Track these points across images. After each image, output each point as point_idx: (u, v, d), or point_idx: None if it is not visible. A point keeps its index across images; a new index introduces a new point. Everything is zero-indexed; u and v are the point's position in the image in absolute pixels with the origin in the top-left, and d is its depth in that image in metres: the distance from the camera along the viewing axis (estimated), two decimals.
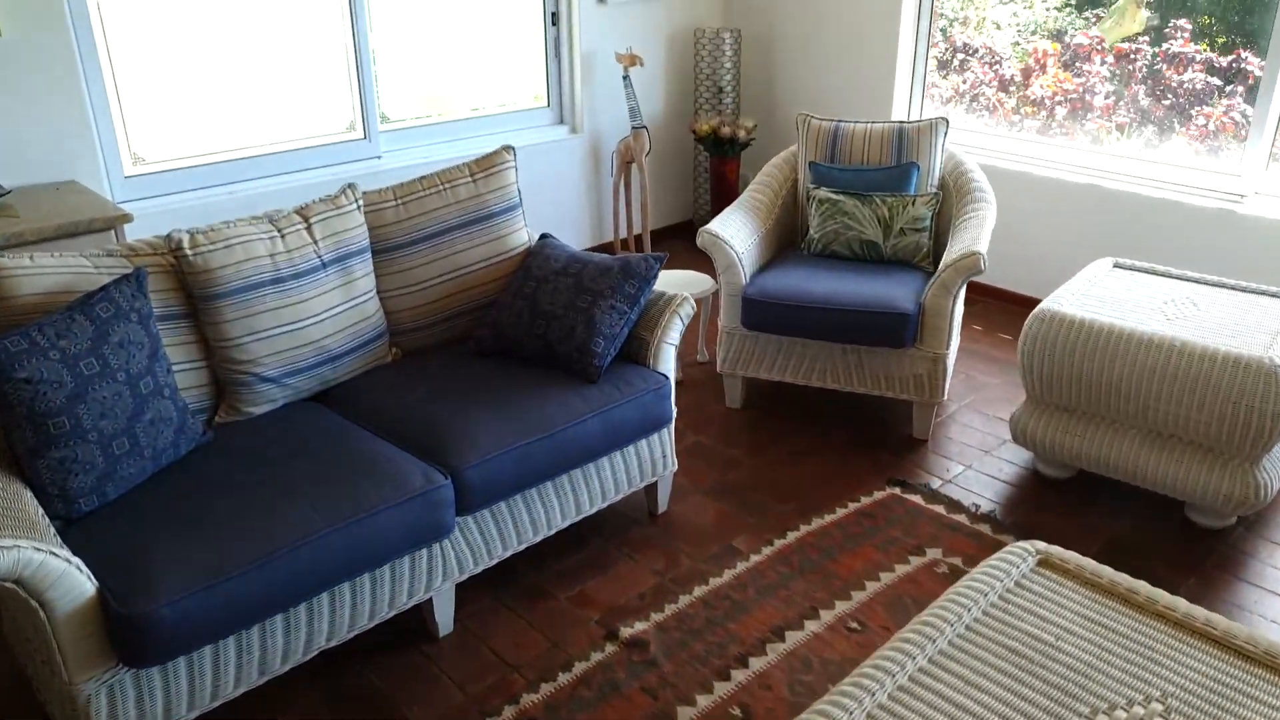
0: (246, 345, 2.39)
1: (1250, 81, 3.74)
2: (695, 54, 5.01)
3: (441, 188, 2.80)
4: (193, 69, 3.61)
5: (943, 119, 3.66)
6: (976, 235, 3.26)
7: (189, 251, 2.32)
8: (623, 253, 5.01)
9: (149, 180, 3.57)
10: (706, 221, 5.37)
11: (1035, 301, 4.42)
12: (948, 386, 3.32)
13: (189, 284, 2.35)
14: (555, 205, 4.83)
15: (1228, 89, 3.79)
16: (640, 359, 2.77)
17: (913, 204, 3.47)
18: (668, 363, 2.77)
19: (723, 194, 5.10)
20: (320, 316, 2.51)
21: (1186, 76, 3.85)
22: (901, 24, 4.50)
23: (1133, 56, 3.84)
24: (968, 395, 3.71)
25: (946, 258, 3.21)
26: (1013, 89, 4.40)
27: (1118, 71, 3.93)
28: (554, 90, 4.78)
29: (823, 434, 3.43)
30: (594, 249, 5.11)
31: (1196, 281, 3.22)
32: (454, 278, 2.81)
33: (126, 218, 2.87)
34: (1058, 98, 4.17)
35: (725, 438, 3.41)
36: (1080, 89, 4.11)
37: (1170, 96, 3.86)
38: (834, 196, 3.56)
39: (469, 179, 2.84)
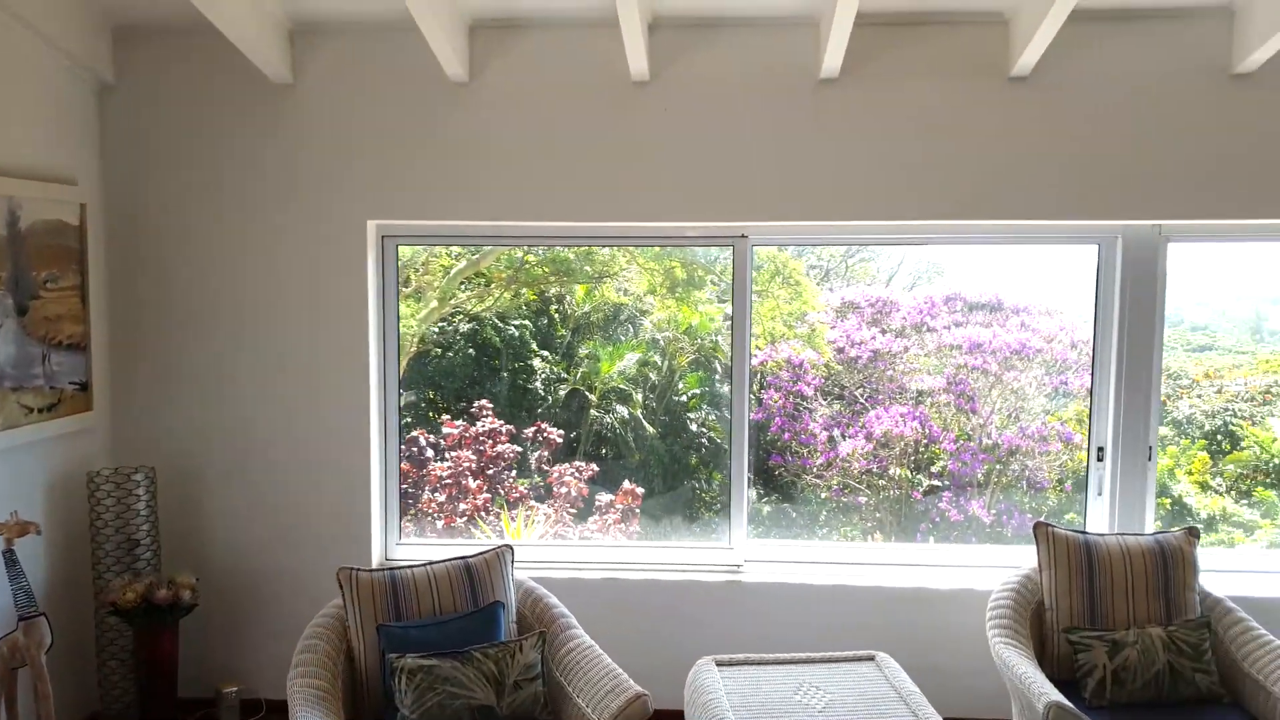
0: None
1: (554, 448, 4.56)
2: (92, 505, 3.79)
3: None
4: None
5: (507, 546, 3.29)
6: (615, 674, 2.87)
7: None
8: None
9: None
10: (128, 716, 3.89)
11: None
12: None
13: None
14: None
15: (535, 454, 4.64)
16: None
17: (520, 651, 2.95)
18: None
19: (158, 676, 3.78)
20: None
21: (502, 448, 4.62)
22: (371, 434, 4.05)
23: (483, 440, 4.43)
24: None
25: (598, 707, 2.74)
26: None
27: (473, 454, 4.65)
28: None
29: None
30: None
31: (790, 663, 3.29)
32: None
33: None
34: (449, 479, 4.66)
35: None
36: (452, 473, 4.65)
37: (493, 467, 4.60)
38: (426, 663, 2.85)
39: None
